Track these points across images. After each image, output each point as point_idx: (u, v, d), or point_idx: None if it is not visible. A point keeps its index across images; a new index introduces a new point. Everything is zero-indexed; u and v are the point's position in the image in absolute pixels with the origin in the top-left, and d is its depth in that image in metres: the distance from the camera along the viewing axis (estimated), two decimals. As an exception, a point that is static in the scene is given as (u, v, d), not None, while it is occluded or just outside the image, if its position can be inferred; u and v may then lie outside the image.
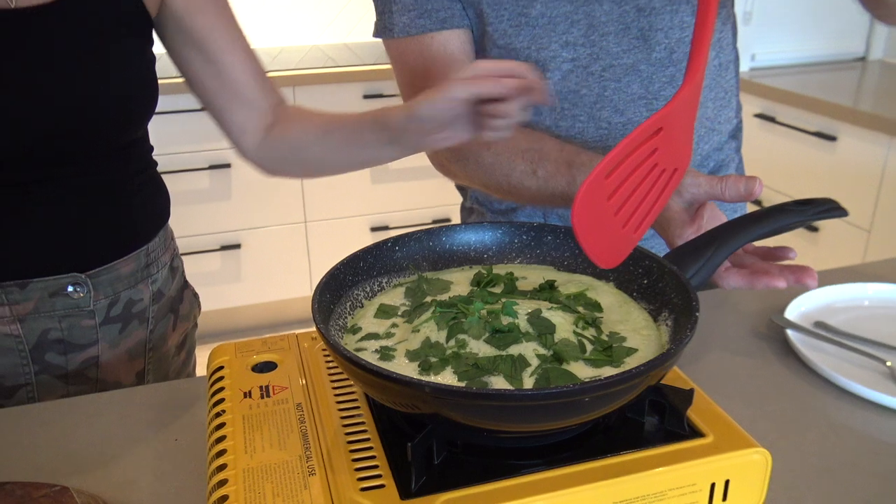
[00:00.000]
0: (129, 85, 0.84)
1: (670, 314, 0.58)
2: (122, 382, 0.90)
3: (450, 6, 0.88)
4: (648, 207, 0.58)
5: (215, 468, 0.51)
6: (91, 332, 0.85)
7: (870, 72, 2.46)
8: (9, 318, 0.81)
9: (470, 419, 0.47)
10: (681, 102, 0.58)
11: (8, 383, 0.83)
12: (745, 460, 0.52)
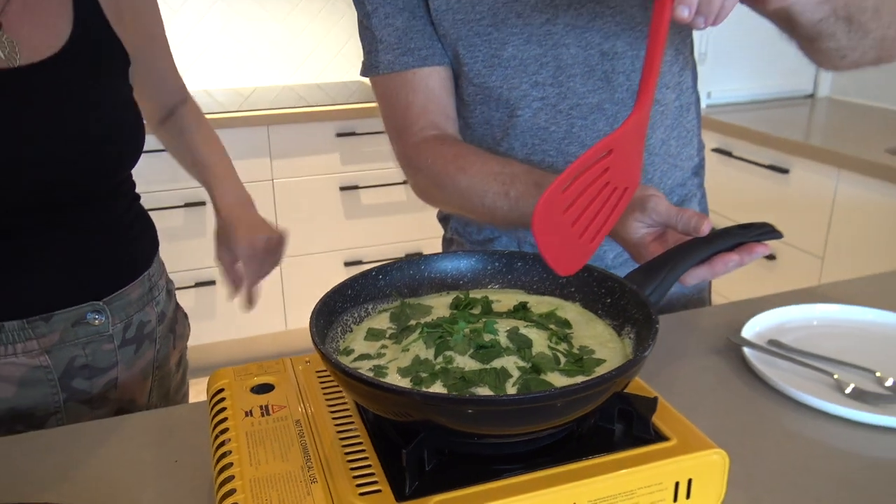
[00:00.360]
0: (126, 125, 0.91)
1: (632, 328, 0.64)
2: (136, 402, 0.97)
3: (430, 45, 0.95)
4: (603, 220, 0.65)
5: (223, 480, 0.55)
6: (111, 355, 0.92)
7: (818, 108, 2.60)
8: (37, 350, 0.87)
9: (457, 424, 0.52)
10: (629, 128, 0.65)
11: (40, 413, 0.89)
12: (705, 461, 0.57)
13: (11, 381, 0.87)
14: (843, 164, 1.94)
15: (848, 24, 0.78)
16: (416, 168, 0.97)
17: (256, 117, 2.50)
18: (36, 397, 0.88)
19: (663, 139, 0.99)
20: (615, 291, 0.68)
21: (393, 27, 0.95)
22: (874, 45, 0.83)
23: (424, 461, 0.54)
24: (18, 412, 0.88)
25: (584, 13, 0.90)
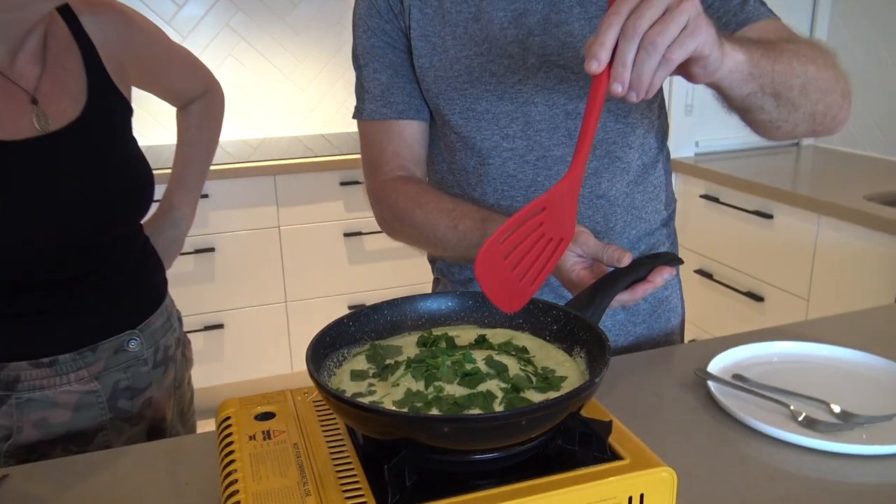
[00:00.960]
0: (143, 173, 1.04)
1: (582, 348, 0.73)
2: (165, 418, 1.08)
3: (409, 101, 1.07)
4: (541, 266, 0.74)
5: (228, 494, 0.63)
6: (147, 376, 1.04)
7: (803, 155, 2.70)
8: (87, 377, 0.98)
9: (435, 441, 0.60)
10: (560, 190, 0.75)
11: (89, 433, 0.99)
12: (655, 477, 0.64)
13: (68, 406, 0.98)
14: (823, 210, 2.03)
15: (776, 99, 0.85)
16: (382, 202, 1.09)
17: (264, 167, 2.62)
18: (88, 419, 0.99)
19: (626, 192, 1.07)
20: (560, 319, 0.77)
21: (378, 81, 1.08)
22: (806, 119, 0.90)
23: (405, 477, 0.62)
24: (73, 433, 0.99)
25: (552, 76, 1.00)
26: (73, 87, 0.98)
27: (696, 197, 2.50)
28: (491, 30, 1.01)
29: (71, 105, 0.96)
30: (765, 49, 0.82)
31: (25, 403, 0.96)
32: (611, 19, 0.68)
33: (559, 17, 1.00)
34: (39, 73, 0.95)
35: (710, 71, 0.74)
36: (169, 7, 2.92)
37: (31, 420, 0.97)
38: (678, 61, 0.69)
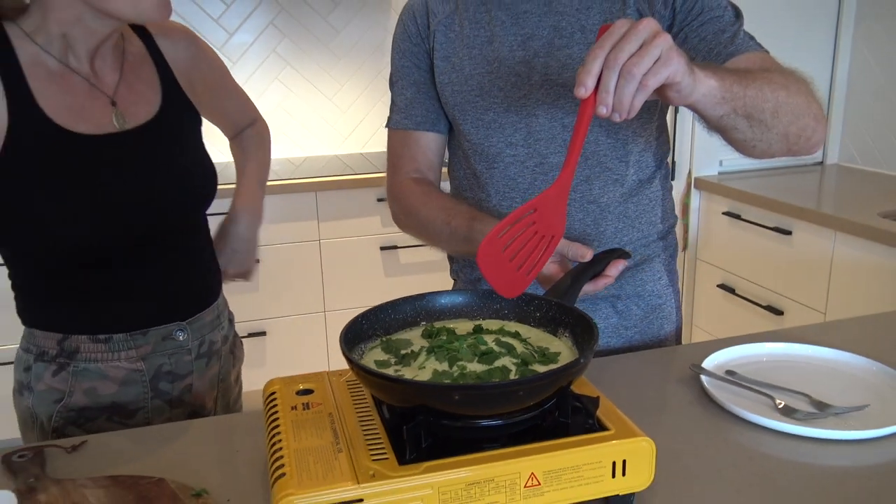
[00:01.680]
0: (208, 172, 1.18)
1: (565, 329, 0.86)
2: (205, 407, 1.19)
3: (428, 115, 1.24)
4: (536, 259, 0.87)
5: (274, 450, 0.75)
6: (189, 364, 1.16)
7: (827, 174, 2.76)
8: (135, 357, 1.11)
9: (447, 407, 0.72)
10: (548, 195, 0.87)
11: (132, 407, 1.13)
12: (635, 446, 0.75)
13: (115, 380, 1.11)
14: (838, 226, 2.10)
15: (748, 120, 0.95)
16: (396, 199, 1.26)
17: (305, 184, 2.77)
18: (131, 394, 1.12)
19: (619, 202, 1.18)
20: (542, 306, 0.91)
21: (404, 96, 1.25)
22: (779, 140, 1.00)
23: (421, 438, 0.74)
24: (118, 405, 1.12)
25: (553, 93, 1.13)
26: (148, 93, 1.12)
27: (718, 214, 2.58)
28: (501, 51, 1.15)
29: (146, 108, 1.11)
30: (738, 76, 0.92)
31: (81, 372, 1.10)
32: (596, 52, 0.80)
33: (562, 42, 1.13)
34: (117, 80, 1.09)
35: (683, 95, 0.85)
36: (221, 35, 3.11)
37: (83, 387, 1.10)
38: (653, 87, 0.80)
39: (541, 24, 1.14)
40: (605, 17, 1.12)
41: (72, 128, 1.02)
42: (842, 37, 2.80)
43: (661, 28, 0.79)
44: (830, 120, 2.87)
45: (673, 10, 1.10)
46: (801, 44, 2.77)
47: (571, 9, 1.13)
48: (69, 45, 1.03)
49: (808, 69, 2.90)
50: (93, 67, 1.07)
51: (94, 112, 1.05)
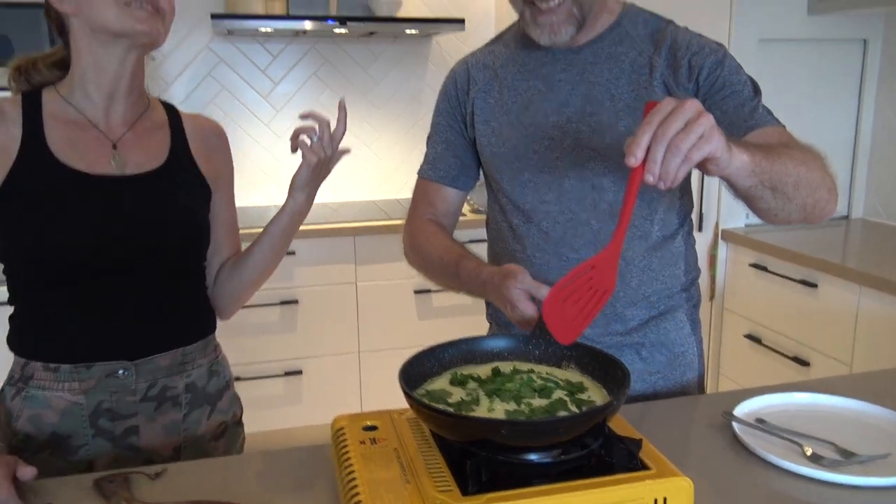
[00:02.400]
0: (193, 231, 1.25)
1: (569, 361, 1.00)
2: (161, 453, 1.22)
3: (449, 171, 1.37)
4: (589, 310, 0.96)
5: (349, 481, 0.84)
6: (132, 405, 1.19)
7: (852, 228, 2.83)
8: (77, 390, 1.17)
9: (501, 439, 0.80)
10: (605, 256, 0.97)
11: (73, 443, 1.18)
12: (676, 485, 0.83)
13: (57, 410, 1.16)
14: (864, 281, 2.16)
15: (773, 192, 1.05)
16: (408, 235, 1.39)
17: (345, 228, 2.89)
18: (70, 427, 1.17)
19: (643, 256, 1.27)
20: (540, 345, 1.02)
21: (434, 150, 1.39)
22: (798, 209, 1.10)
23: (482, 473, 0.82)
24: (59, 437, 1.17)
25: (583, 156, 1.23)
26: (154, 151, 1.23)
27: (745, 265, 2.65)
28: (537, 116, 1.26)
29: (148, 161, 1.21)
30: (765, 152, 1.02)
31: (31, 398, 1.16)
32: (645, 127, 0.89)
33: (592, 109, 1.23)
34: (125, 131, 1.21)
35: (721, 168, 0.94)
36: (266, 84, 3.27)
37: (29, 413, 1.16)
38: (696, 161, 0.89)
39: (573, 93, 1.25)
40: (632, 88, 1.22)
41: (71, 164, 1.15)
42: (865, 94, 2.89)
43: (703, 108, 0.89)
44: (855, 175, 2.94)
45: (697, 83, 1.20)
46: (826, 101, 2.86)
47: (602, 79, 1.24)
48: (86, 92, 1.18)
49: (833, 126, 3.01)
50: (106, 117, 1.20)
51: (95, 152, 1.17)
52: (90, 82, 1.18)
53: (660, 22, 1.26)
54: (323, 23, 2.88)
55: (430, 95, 3.46)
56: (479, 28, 3.44)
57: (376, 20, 3.01)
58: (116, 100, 1.20)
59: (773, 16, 2.70)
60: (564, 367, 1.01)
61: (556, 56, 1.26)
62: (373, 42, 3.34)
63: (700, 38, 1.23)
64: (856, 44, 2.86)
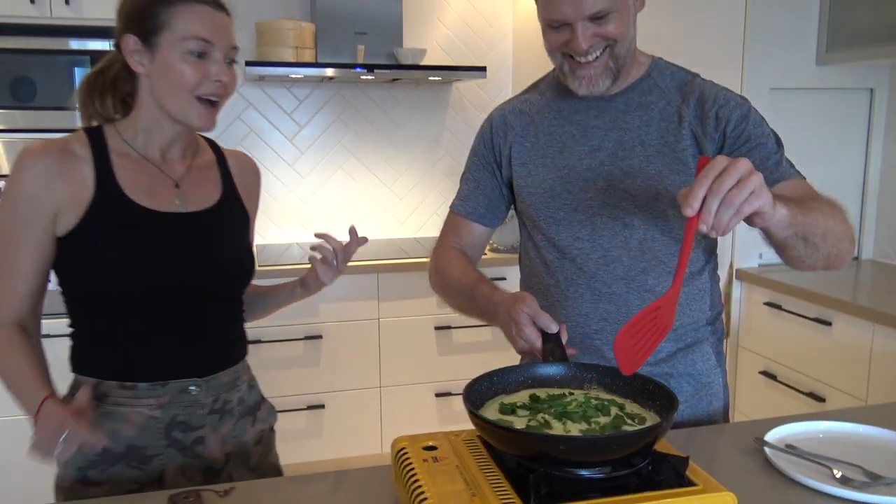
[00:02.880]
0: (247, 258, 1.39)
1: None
2: (218, 459, 1.32)
3: (478, 208, 1.48)
4: (650, 345, 1.04)
5: (417, 494, 0.91)
6: (201, 418, 1.31)
7: (863, 269, 2.91)
8: (154, 405, 1.27)
9: (559, 453, 0.87)
10: (669, 297, 1.04)
11: (147, 454, 1.27)
12: (721, 500, 0.89)
13: (134, 424, 1.25)
14: (878, 319, 2.23)
15: (805, 242, 1.14)
16: (433, 260, 1.48)
17: (368, 266, 2.97)
18: (146, 438, 1.26)
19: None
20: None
21: (467, 188, 1.50)
22: (823, 258, 1.19)
23: (541, 486, 0.89)
24: (134, 449, 1.25)
25: (615, 196, 1.32)
26: (209, 190, 1.35)
27: (760, 304, 2.72)
28: (571, 159, 1.36)
29: (205, 199, 1.34)
30: (800, 206, 1.11)
31: (107, 415, 1.24)
32: (701, 181, 0.96)
33: (624, 153, 1.33)
34: (184, 171, 1.33)
35: (765, 220, 1.03)
36: (292, 127, 3.39)
37: (106, 429, 1.23)
38: (747, 214, 0.97)
39: (606, 138, 1.34)
40: (661, 135, 1.32)
41: (141, 202, 1.26)
42: (873, 140, 2.99)
43: (753, 167, 0.97)
44: (865, 217, 3.03)
45: (724, 134, 1.29)
46: (836, 147, 2.97)
47: (633, 126, 1.33)
48: (147, 140, 1.29)
49: (843, 170, 3.12)
50: (164, 158, 1.32)
51: (161, 191, 1.29)
52: (150, 134, 1.29)
53: (687, 75, 1.37)
54: (351, 70, 3.01)
55: (449, 139, 3.58)
56: (498, 75, 3.57)
57: (403, 67, 3.14)
58: (174, 147, 1.33)
59: (783, 66, 2.82)
60: (607, 391, 1.09)
61: (589, 104, 1.36)
62: (396, 87, 3.47)
63: (726, 92, 1.33)
64: (863, 92, 2.97)
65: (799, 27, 2.84)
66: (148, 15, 1.22)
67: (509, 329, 1.21)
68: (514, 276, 1.58)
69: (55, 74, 2.67)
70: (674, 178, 1.30)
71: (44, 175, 1.21)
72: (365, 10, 3.13)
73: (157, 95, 1.25)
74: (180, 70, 1.22)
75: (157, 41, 1.22)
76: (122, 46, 1.24)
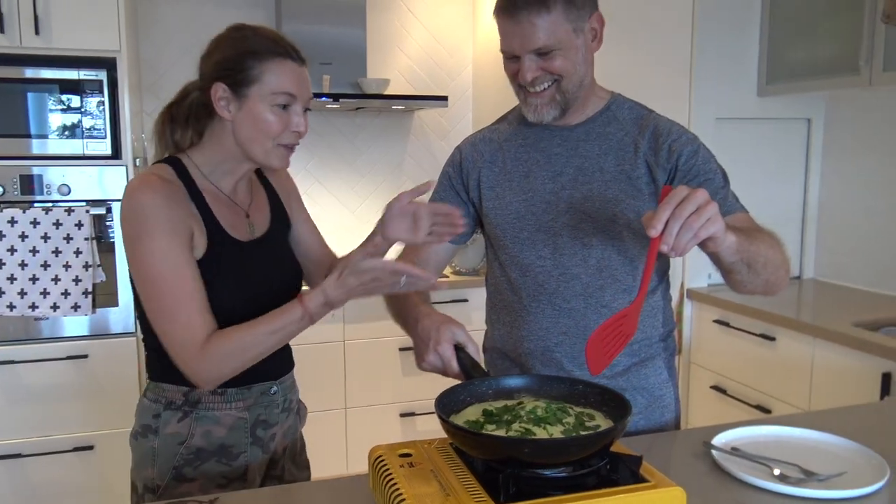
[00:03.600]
0: (298, 263, 1.52)
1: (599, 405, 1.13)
2: (278, 452, 1.46)
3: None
4: (615, 349, 1.15)
5: (395, 495, 0.98)
6: (277, 415, 1.45)
7: (805, 287, 3.08)
8: (241, 407, 1.38)
9: (525, 457, 0.96)
10: (633, 308, 1.15)
11: (235, 451, 1.39)
12: (671, 494, 0.98)
13: (225, 425, 1.38)
14: (818, 334, 2.38)
15: (749, 268, 1.26)
16: None
17: (334, 289, 3.03)
18: (234, 438, 1.39)
19: (626, 306, 1.45)
20: (588, 388, 1.16)
21: None
22: (762, 284, 1.33)
23: (510, 485, 0.97)
24: (225, 447, 1.38)
25: (575, 217, 1.43)
26: (264, 211, 1.48)
27: (710, 321, 2.86)
28: (535, 183, 1.46)
29: (263, 221, 1.46)
30: (746, 234, 1.23)
31: (201, 418, 1.36)
32: (665, 207, 1.07)
33: (584, 179, 1.44)
34: (250, 200, 1.45)
35: (717, 245, 1.14)
36: (257, 153, 3.45)
37: (201, 430, 1.36)
38: (703, 238, 1.08)
39: (568, 164, 1.45)
40: (618, 163, 1.43)
41: (234, 235, 1.38)
42: (811, 167, 3.18)
43: (710, 198, 1.08)
44: (805, 239, 3.21)
45: (675, 166, 1.40)
46: (777, 173, 3.15)
47: (593, 154, 1.45)
48: (223, 175, 1.40)
49: (784, 196, 3.30)
50: (235, 190, 1.43)
51: (238, 222, 1.41)
52: (225, 170, 1.39)
53: (643, 110, 1.49)
54: (317, 99, 3.09)
55: (411, 165, 3.68)
56: (458, 104, 3.69)
57: (367, 97, 3.24)
58: (244, 180, 1.43)
59: (727, 98, 3.00)
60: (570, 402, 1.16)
61: (553, 132, 1.48)
62: (359, 115, 3.56)
63: (679, 128, 1.45)
64: (801, 122, 3.17)
65: (741, 62, 3.02)
66: (240, 67, 1.30)
67: (425, 343, 1.30)
68: (476, 297, 1.67)
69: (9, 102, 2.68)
70: (629, 202, 1.41)
71: (172, 200, 1.28)
72: (330, 41, 3.23)
73: (241, 139, 1.33)
74: (267, 121, 1.30)
75: (247, 92, 1.30)
76: (211, 92, 1.31)
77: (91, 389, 2.71)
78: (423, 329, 1.31)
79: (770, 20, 2.98)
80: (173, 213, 1.27)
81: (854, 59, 2.60)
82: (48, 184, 2.65)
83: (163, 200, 1.27)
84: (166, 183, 1.30)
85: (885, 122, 2.88)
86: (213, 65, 1.33)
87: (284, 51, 1.32)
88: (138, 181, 1.30)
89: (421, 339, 1.32)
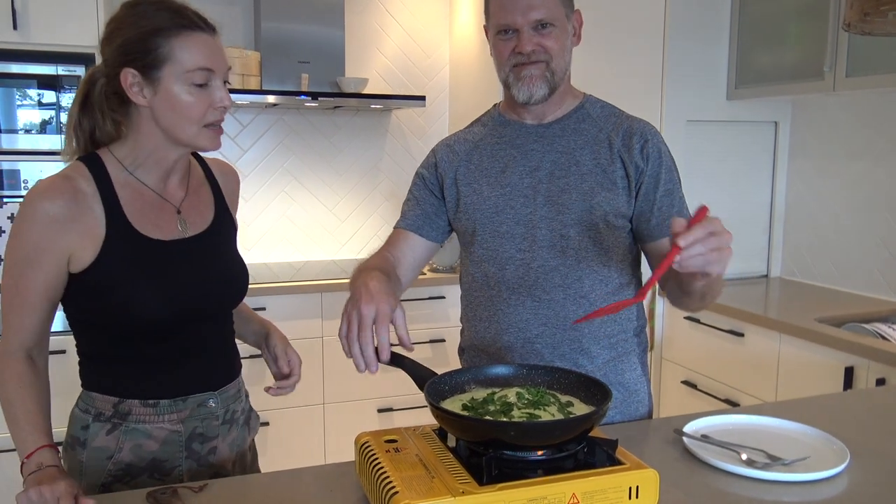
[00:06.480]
0: (243, 270, 1.45)
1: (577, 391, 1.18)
2: (225, 467, 1.40)
3: (416, 220, 1.56)
4: (610, 309, 1.30)
5: (383, 479, 1.02)
6: (216, 429, 1.38)
7: (771, 285, 3.17)
8: (175, 420, 1.33)
9: (509, 439, 1.00)
10: (639, 297, 1.22)
11: (168, 466, 1.33)
12: (645, 476, 1.04)
13: (158, 439, 1.32)
14: (783, 329, 2.46)
15: (702, 297, 1.38)
16: None
17: (314, 286, 3.06)
18: (169, 451, 1.33)
19: (604, 299, 1.50)
20: (566, 376, 1.20)
21: (408, 206, 1.59)
22: (697, 306, 1.45)
23: (493, 467, 1.02)
24: (157, 461, 1.32)
25: (553, 210, 1.48)
26: (204, 209, 1.39)
27: (680, 318, 2.94)
28: (513, 178, 1.51)
29: (203, 220, 1.38)
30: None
31: (131, 431, 1.30)
32: (701, 230, 1.06)
33: (560, 173, 1.49)
34: (184, 195, 1.36)
35: (703, 280, 1.22)
36: (235, 151, 3.47)
37: (131, 445, 1.30)
38: (707, 272, 1.12)
39: (544, 159, 1.50)
40: (593, 157, 1.48)
41: (149, 234, 1.29)
42: (778, 168, 3.28)
43: (729, 242, 1.11)
44: (773, 239, 3.31)
45: (647, 165, 1.47)
46: (745, 174, 3.23)
47: (569, 148, 1.50)
48: (150, 167, 1.30)
49: (751, 196, 3.39)
50: (165, 184, 1.34)
51: (165, 220, 1.32)
52: (153, 162, 1.30)
53: (615, 109, 1.55)
54: (296, 97, 3.12)
55: (388, 163, 3.71)
56: (435, 103, 3.74)
57: (346, 95, 3.26)
58: (176, 171, 1.36)
59: (697, 101, 3.08)
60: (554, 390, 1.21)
61: (528, 130, 1.53)
62: (337, 114, 3.59)
63: (650, 128, 1.52)
64: (769, 125, 3.26)
65: (711, 66, 3.11)
66: (147, 49, 1.21)
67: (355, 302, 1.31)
68: (453, 294, 1.70)
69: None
70: (605, 195, 1.47)
71: (58, 221, 1.21)
72: (308, 40, 3.25)
73: (163, 126, 1.25)
74: (187, 102, 1.23)
75: (159, 75, 1.21)
76: (122, 80, 1.23)
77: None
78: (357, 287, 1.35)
79: (739, 27, 3.07)
80: (51, 232, 1.21)
81: (819, 64, 2.69)
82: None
83: (44, 219, 1.20)
84: (63, 195, 1.21)
85: (848, 125, 2.98)
86: (116, 49, 1.23)
87: (191, 22, 1.22)
88: (41, 189, 1.22)
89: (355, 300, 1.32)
